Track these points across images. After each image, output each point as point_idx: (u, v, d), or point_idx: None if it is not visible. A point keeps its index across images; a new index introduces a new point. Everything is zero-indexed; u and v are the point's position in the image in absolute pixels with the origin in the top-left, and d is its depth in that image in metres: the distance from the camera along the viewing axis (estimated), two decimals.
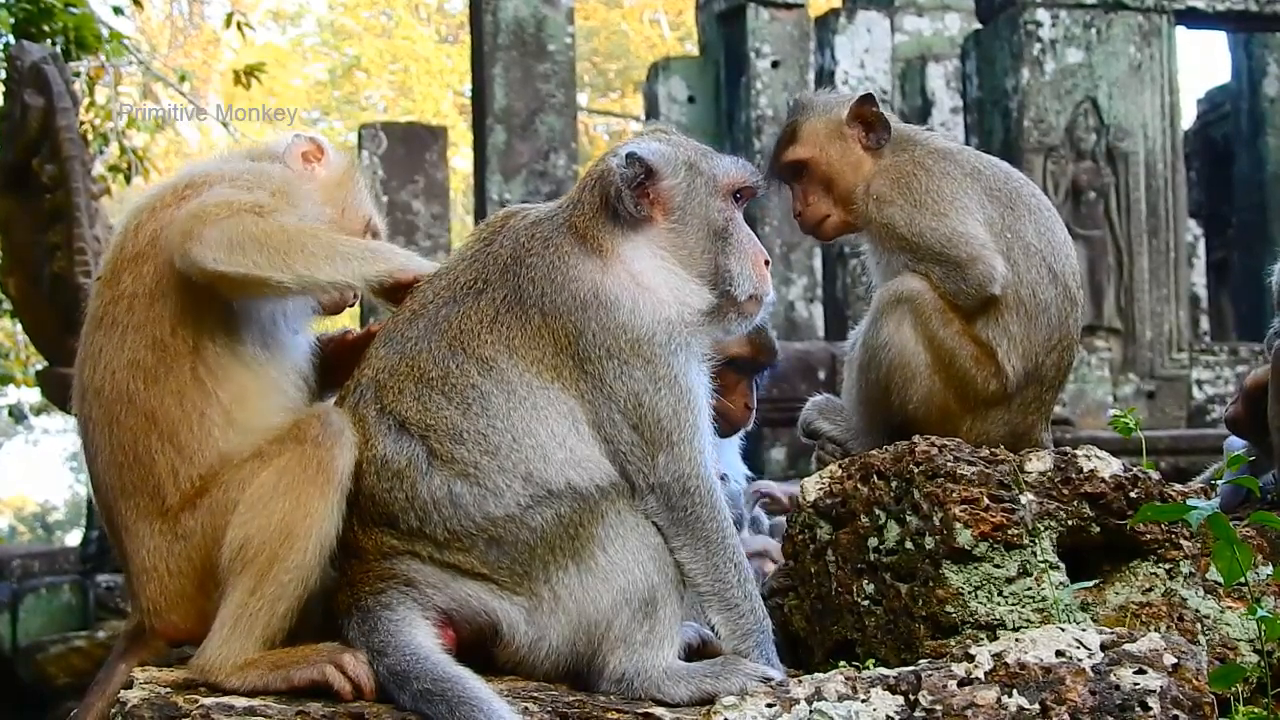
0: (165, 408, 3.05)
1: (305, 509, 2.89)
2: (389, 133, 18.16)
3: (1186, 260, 14.59)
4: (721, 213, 3.18)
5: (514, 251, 3.08)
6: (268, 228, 3.04)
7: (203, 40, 33.78)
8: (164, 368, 3.06)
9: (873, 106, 3.86)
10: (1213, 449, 8.33)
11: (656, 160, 3.13)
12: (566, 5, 15.48)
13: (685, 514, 2.98)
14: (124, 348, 3.08)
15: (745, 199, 3.26)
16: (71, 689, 10.55)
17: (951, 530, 3.14)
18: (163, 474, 3.04)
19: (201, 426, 3.05)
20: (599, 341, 2.97)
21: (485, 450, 2.92)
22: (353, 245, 3.14)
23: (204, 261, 2.98)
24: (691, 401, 3.02)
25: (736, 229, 3.20)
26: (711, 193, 3.18)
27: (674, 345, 3.02)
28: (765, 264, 3.21)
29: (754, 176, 3.27)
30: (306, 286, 3.05)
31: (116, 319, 3.11)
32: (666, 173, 3.13)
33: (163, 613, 3.08)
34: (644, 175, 3.11)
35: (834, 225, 3.93)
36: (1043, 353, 3.74)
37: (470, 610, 2.92)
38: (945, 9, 17.94)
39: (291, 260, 3.01)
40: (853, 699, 2.68)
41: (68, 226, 9.90)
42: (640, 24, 37.56)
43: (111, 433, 3.08)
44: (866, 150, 3.86)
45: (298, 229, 3.08)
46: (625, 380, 2.97)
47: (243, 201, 3.11)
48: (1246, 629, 3.24)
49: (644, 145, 3.16)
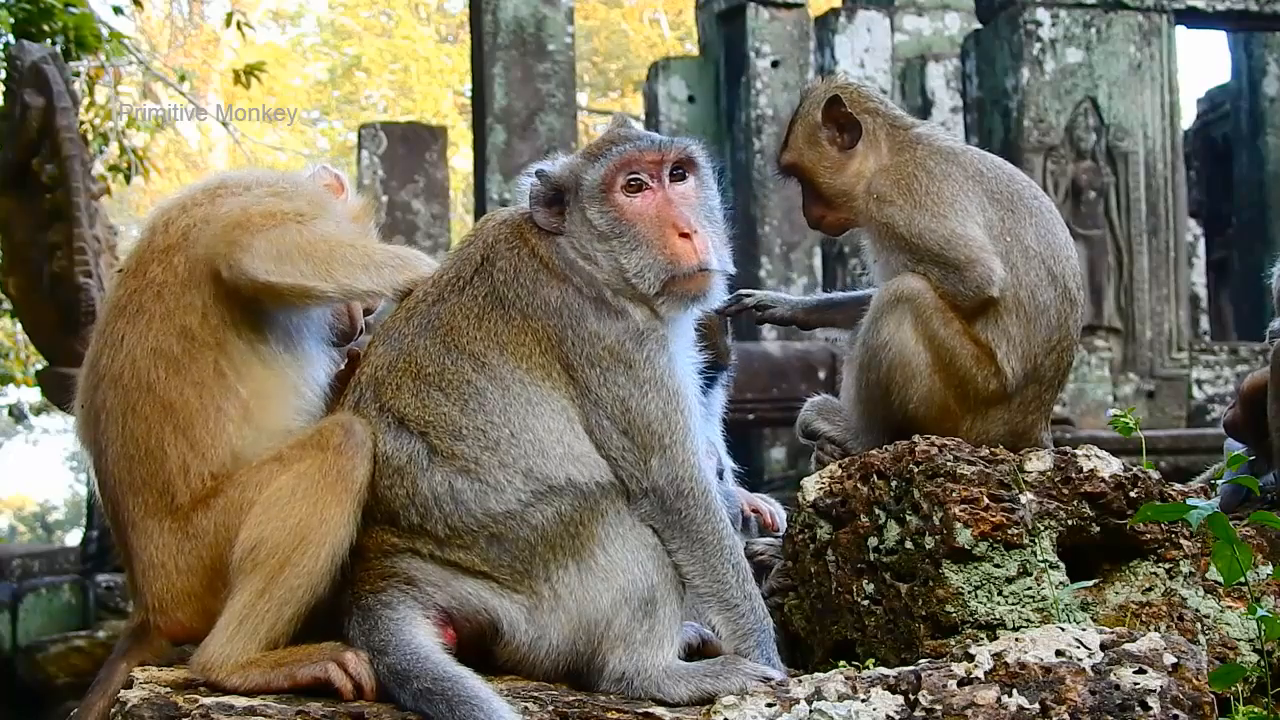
0: (185, 398, 3.05)
1: (321, 515, 2.90)
2: (389, 133, 18.19)
3: (1186, 260, 14.60)
4: (603, 214, 3.08)
5: (485, 252, 3.10)
6: (311, 237, 3.08)
7: (203, 40, 33.77)
8: (188, 357, 3.06)
9: (841, 108, 3.83)
10: (1213, 449, 8.33)
11: (559, 174, 3.11)
12: (566, 5, 15.49)
13: (680, 516, 2.98)
14: (149, 334, 3.08)
15: (644, 179, 3.07)
16: (71, 689, 10.55)
17: (951, 530, 3.14)
18: (174, 469, 3.04)
19: (218, 421, 3.05)
20: (578, 350, 2.98)
21: (485, 446, 2.92)
22: (384, 253, 3.18)
23: (255, 272, 3.01)
24: (680, 402, 3.01)
25: (624, 224, 3.06)
26: (590, 198, 3.09)
27: (649, 348, 3.01)
28: (683, 235, 3.02)
29: (634, 155, 3.06)
30: (347, 295, 3.12)
31: (143, 306, 3.10)
32: (566, 186, 3.11)
33: (168, 610, 3.07)
34: (554, 190, 3.10)
35: (831, 223, 3.94)
36: (1042, 353, 3.74)
37: (470, 609, 2.92)
38: (945, 9, 17.95)
39: (334, 270, 3.05)
40: (853, 699, 2.68)
41: (68, 226, 9.89)
42: (640, 24, 37.57)
43: (125, 423, 3.08)
44: (844, 151, 3.84)
45: (337, 238, 3.12)
46: (610, 387, 2.97)
47: (285, 211, 3.14)
48: (1246, 629, 3.24)
49: (556, 161, 3.16)
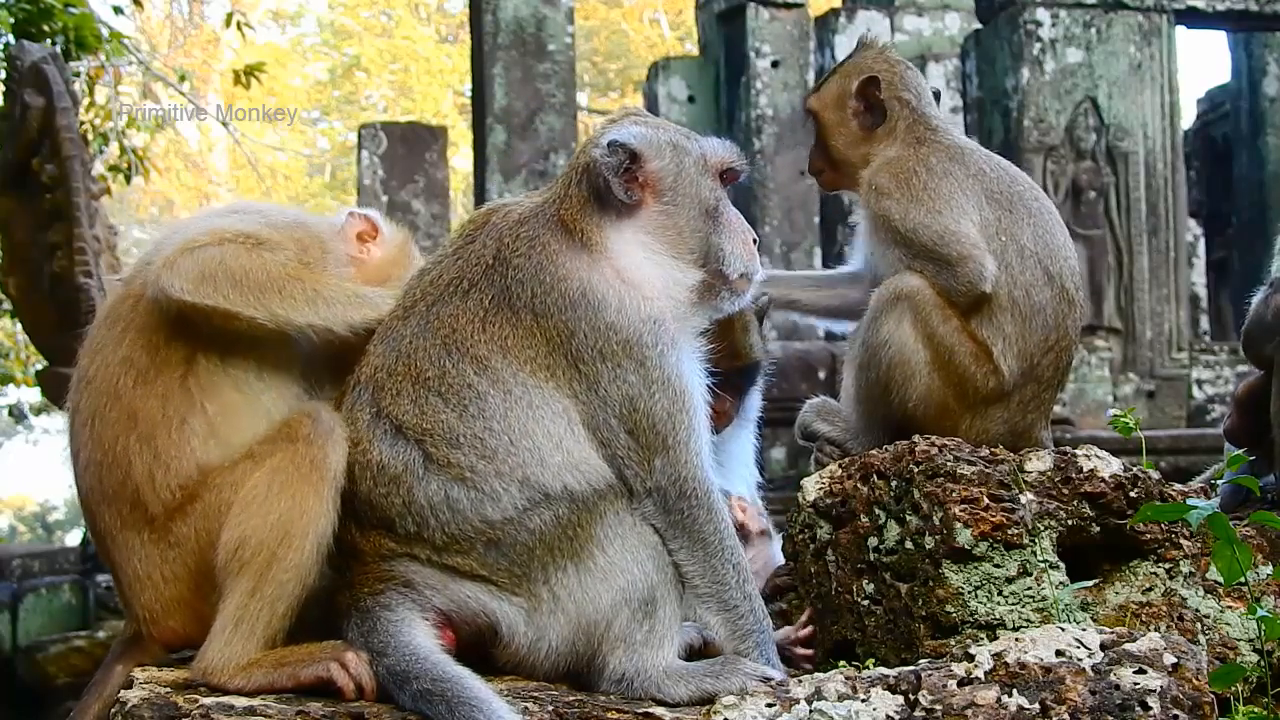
0: (148, 409, 3.04)
1: (301, 507, 2.89)
2: (389, 133, 18.19)
3: (1186, 260, 14.59)
4: (712, 191, 3.18)
5: (498, 251, 3.06)
6: (248, 263, 3.01)
7: (203, 40, 33.75)
8: (154, 370, 3.06)
9: (875, 90, 3.91)
10: (1213, 449, 8.34)
11: (640, 144, 3.11)
12: (566, 5, 15.48)
13: (682, 517, 2.97)
14: (122, 344, 3.09)
15: (730, 180, 3.27)
16: (71, 689, 10.56)
17: (951, 530, 3.14)
18: (140, 479, 3.03)
19: (181, 434, 3.04)
20: (590, 343, 2.96)
21: (482, 454, 2.90)
22: (338, 289, 3.11)
23: (171, 290, 2.98)
24: (686, 403, 3.00)
25: (726, 208, 3.21)
26: (702, 171, 3.18)
27: (662, 345, 3.00)
28: (754, 243, 3.23)
29: (739, 158, 3.28)
30: (282, 326, 3.03)
31: (121, 315, 3.12)
32: (651, 155, 3.12)
33: (159, 620, 3.07)
34: (629, 160, 3.09)
35: (828, 181, 4.09)
36: (1039, 353, 3.74)
37: (469, 611, 2.92)
38: (945, 9, 17.94)
39: (267, 298, 2.99)
40: (853, 699, 2.68)
41: (68, 226, 9.88)
42: (640, 24, 37.56)
43: (93, 427, 3.08)
44: (864, 129, 3.92)
45: (281, 268, 3.05)
46: (619, 384, 2.96)
47: (237, 230, 3.09)
48: (1246, 629, 3.24)
49: (624, 131, 3.14)
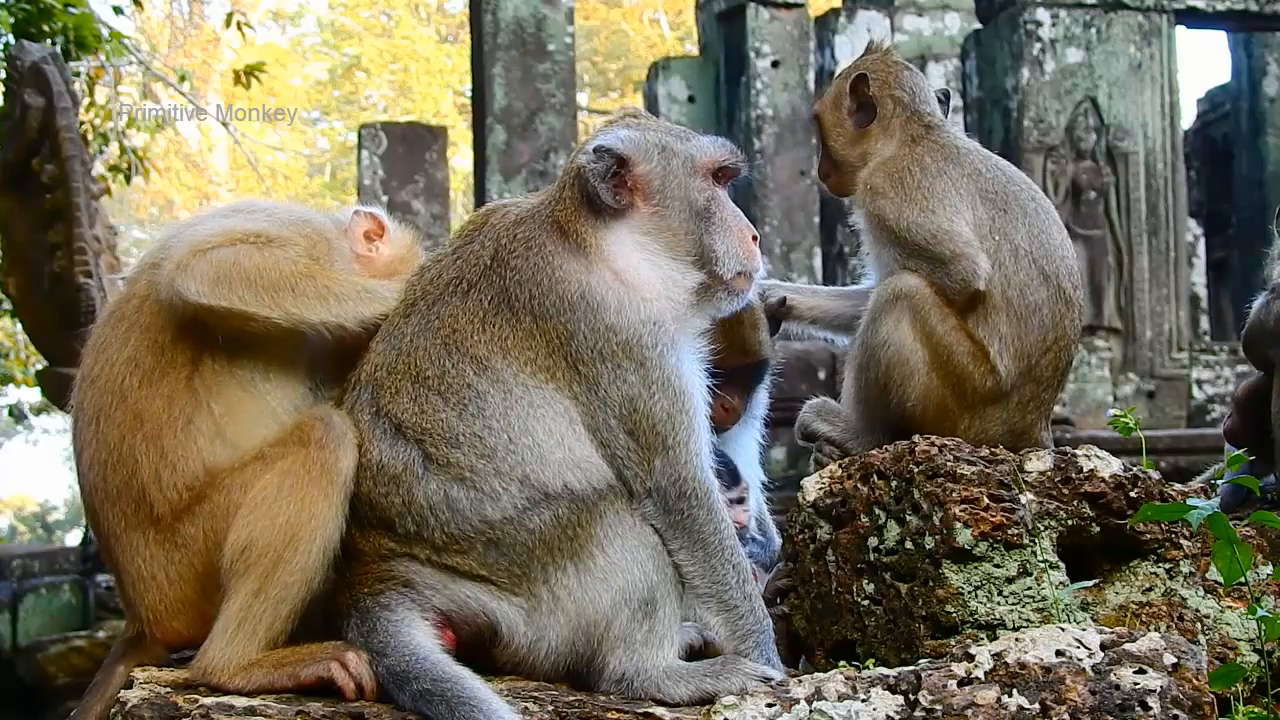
0: (154, 409, 3.04)
1: (309, 511, 2.89)
2: (389, 133, 18.18)
3: (1186, 260, 14.59)
4: (702, 192, 3.17)
5: (496, 252, 3.07)
6: (262, 261, 3.01)
7: (203, 40, 33.76)
8: (160, 372, 3.05)
9: (865, 87, 3.95)
10: (1213, 449, 8.34)
11: (627, 148, 3.11)
12: (566, 5, 15.48)
13: (682, 517, 2.97)
14: (127, 344, 3.09)
15: (726, 178, 3.25)
16: (71, 689, 10.56)
17: (951, 530, 3.14)
18: (146, 479, 3.03)
19: (187, 433, 3.04)
20: (590, 344, 2.96)
21: (481, 454, 2.90)
22: (349, 285, 3.11)
23: (187, 293, 2.97)
24: (686, 403, 3.00)
25: (719, 207, 3.19)
26: (690, 172, 3.17)
27: (662, 346, 3.00)
28: (753, 239, 3.21)
29: (733, 156, 3.26)
30: (296, 325, 3.03)
31: (125, 315, 3.12)
32: (639, 159, 3.12)
33: (164, 620, 3.07)
34: (617, 165, 3.09)
35: (835, 185, 4.11)
36: (1037, 353, 3.74)
37: (469, 611, 2.92)
38: (945, 9, 17.95)
39: (280, 297, 2.99)
40: (853, 699, 2.68)
41: (68, 226, 9.88)
42: (640, 24, 37.56)
43: (98, 427, 3.08)
44: (858, 127, 3.97)
45: (293, 265, 3.05)
46: (619, 385, 2.96)
47: (246, 231, 3.09)
48: (1246, 629, 3.24)
49: (612, 135, 3.15)
